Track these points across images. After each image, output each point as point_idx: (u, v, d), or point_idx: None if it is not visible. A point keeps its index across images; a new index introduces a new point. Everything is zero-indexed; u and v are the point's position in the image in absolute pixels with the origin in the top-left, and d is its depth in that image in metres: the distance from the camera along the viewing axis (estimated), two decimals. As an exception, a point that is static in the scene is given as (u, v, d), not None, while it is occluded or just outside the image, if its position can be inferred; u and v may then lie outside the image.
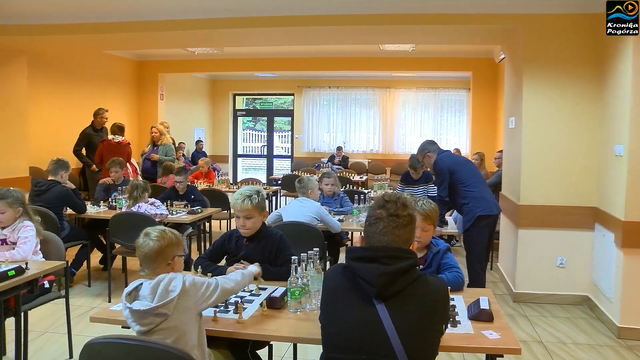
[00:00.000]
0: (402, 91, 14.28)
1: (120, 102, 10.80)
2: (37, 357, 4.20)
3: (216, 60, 10.98)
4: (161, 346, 2.13)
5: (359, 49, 9.79)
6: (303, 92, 14.76)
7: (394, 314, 1.94)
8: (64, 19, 6.24)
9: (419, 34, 6.65)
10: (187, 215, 6.04)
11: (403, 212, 2.06)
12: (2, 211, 3.95)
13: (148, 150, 9.12)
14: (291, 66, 11.21)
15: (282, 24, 5.89)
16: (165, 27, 6.15)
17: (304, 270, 2.83)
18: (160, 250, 2.47)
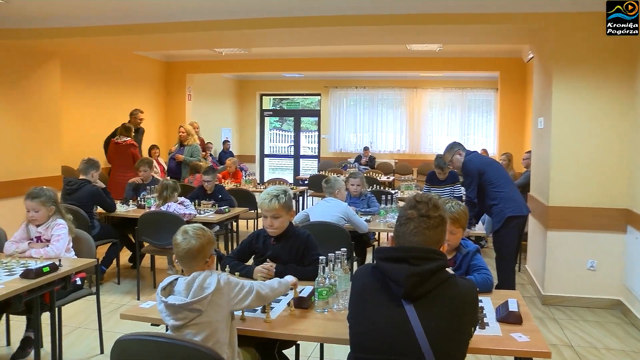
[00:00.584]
0: (429, 91, 14.19)
1: (149, 102, 10.93)
2: (70, 351, 4.30)
3: (243, 61, 11.04)
4: (190, 344, 2.16)
5: (386, 49, 9.76)
6: (330, 92, 14.76)
7: (423, 315, 1.93)
8: (94, 21, 6.34)
9: (446, 33, 6.61)
10: (215, 214, 6.09)
11: (434, 213, 2.05)
12: (36, 209, 4.04)
13: (175, 149, 9.19)
14: (318, 66, 11.22)
15: (309, 24, 5.90)
16: (193, 28, 6.20)
17: (331, 270, 2.84)
18: (201, 247, 2.51)
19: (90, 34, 6.45)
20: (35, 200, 4.03)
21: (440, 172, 7.22)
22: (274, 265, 3.32)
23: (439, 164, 7.07)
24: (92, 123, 8.98)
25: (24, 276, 3.32)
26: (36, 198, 4.03)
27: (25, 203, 4.07)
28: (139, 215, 5.77)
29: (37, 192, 4.06)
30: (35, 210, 4.04)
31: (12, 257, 3.76)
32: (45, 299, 3.59)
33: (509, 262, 5.04)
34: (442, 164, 6.92)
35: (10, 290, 3.14)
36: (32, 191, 4.07)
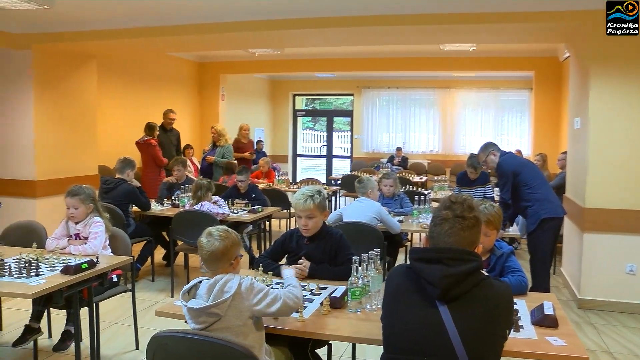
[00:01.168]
0: (462, 91, 14.05)
1: (182, 102, 11.06)
2: (107, 346, 4.39)
3: (276, 61, 11.08)
4: (224, 342, 2.18)
5: (419, 48, 9.69)
6: (362, 92, 14.73)
7: (457, 317, 1.92)
8: (130, 23, 6.44)
9: (480, 33, 6.54)
10: (248, 214, 6.13)
11: (469, 214, 2.04)
12: (76, 207, 4.13)
13: (208, 149, 9.26)
14: (351, 66, 11.19)
15: (342, 24, 5.89)
16: (226, 29, 6.25)
17: (364, 271, 2.84)
18: (225, 250, 2.52)
19: (126, 35, 6.55)
20: (75, 198, 4.12)
21: (473, 171, 7.13)
22: (307, 264, 3.33)
23: (473, 163, 6.99)
24: (127, 123, 9.12)
25: (64, 272, 3.42)
26: (76, 195, 4.12)
27: (65, 200, 4.17)
28: (173, 214, 5.85)
29: (77, 190, 4.15)
30: (74, 207, 4.13)
31: (53, 253, 3.87)
32: (84, 295, 3.68)
33: (544, 264, 4.97)
34: (475, 163, 6.84)
35: (52, 285, 3.25)
36: (72, 189, 4.16)
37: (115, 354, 4.31)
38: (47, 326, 4.48)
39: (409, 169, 12.78)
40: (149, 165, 8.13)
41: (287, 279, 2.90)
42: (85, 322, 3.80)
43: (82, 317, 3.72)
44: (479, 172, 7.13)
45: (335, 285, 3.11)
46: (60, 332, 4.18)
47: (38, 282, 3.29)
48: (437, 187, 8.64)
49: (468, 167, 7.15)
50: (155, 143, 8.26)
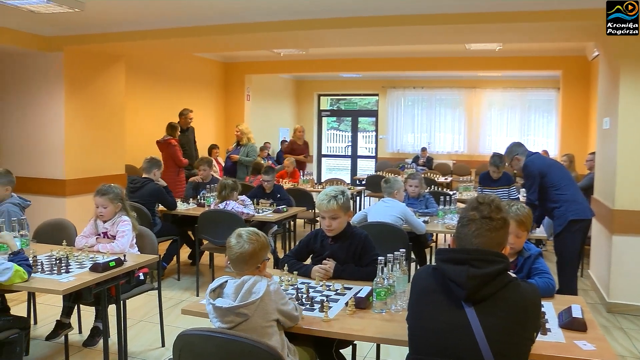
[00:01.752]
0: (488, 91, 13.92)
1: (208, 102, 11.16)
2: (134, 343, 4.46)
3: (301, 61, 11.10)
4: (251, 341, 2.19)
5: (444, 48, 9.63)
6: (387, 92, 14.68)
7: (484, 319, 1.90)
8: (157, 25, 6.52)
9: (506, 32, 6.47)
10: (273, 213, 6.15)
11: (497, 215, 2.02)
12: (105, 205, 4.19)
13: (232, 149, 9.28)
14: (376, 67, 11.17)
15: (367, 24, 5.89)
16: (252, 29, 6.29)
17: (390, 271, 2.83)
18: (253, 253, 2.54)
19: (153, 37, 6.64)
20: (104, 197, 4.18)
21: (495, 170, 6.99)
22: (332, 264, 3.33)
23: (495, 162, 6.88)
24: (154, 123, 9.21)
25: (93, 269, 3.48)
26: (105, 195, 4.18)
27: (94, 199, 4.23)
28: (199, 213, 5.90)
29: (106, 189, 4.21)
30: (103, 206, 4.19)
31: (82, 251, 3.94)
32: (112, 292, 3.75)
33: (571, 266, 4.90)
34: (497, 162, 6.77)
35: (81, 282, 3.33)
36: (101, 188, 4.22)
37: (141, 351, 4.36)
38: (77, 322, 4.56)
39: (434, 169, 12.72)
40: (168, 165, 8.20)
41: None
42: (113, 319, 3.85)
43: (110, 314, 3.78)
44: (501, 171, 7.02)
45: (360, 286, 3.11)
46: (89, 328, 4.25)
47: (68, 279, 3.36)
48: (463, 187, 8.56)
49: (490, 166, 7.05)
50: (175, 143, 8.31)
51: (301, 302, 2.81)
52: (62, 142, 7.05)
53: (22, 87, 7.23)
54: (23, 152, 7.29)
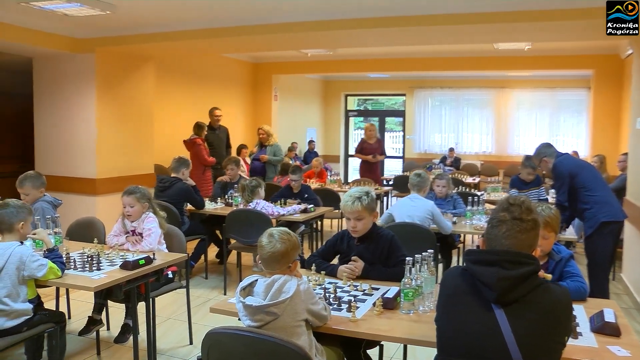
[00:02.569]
0: (516, 91, 13.76)
1: (236, 102, 11.23)
2: (162, 340, 4.51)
3: (329, 62, 11.11)
4: (280, 340, 2.19)
5: (472, 48, 9.54)
6: (415, 92, 14.61)
7: (513, 321, 1.88)
8: (185, 26, 6.60)
9: (536, 31, 6.37)
10: (300, 213, 6.17)
11: (527, 217, 2.00)
12: (132, 205, 4.25)
13: (256, 151, 9.23)
14: (403, 67, 11.12)
15: (395, 24, 5.87)
16: (280, 30, 6.32)
17: (417, 272, 2.82)
18: (285, 252, 2.56)
19: (182, 37, 6.72)
20: (131, 196, 4.24)
21: (531, 172, 6.89)
22: (361, 263, 3.33)
23: (530, 164, 6.75)
24: (183, 123, 9.28)
25: (123, 267, 3.54)
26: (132, 194, 4.25)
27: (122, 199, 4.29)
28: (227, 212, 5.95)
29: (134, 189, 4.28)
30: (130, 205, 4.25)
31: (112, 249, 4.01)
32: (141, 290, 3.81)
33: (603, 269, 4.81)
34: (533, 164, 6.61)
35: (112, 280, 3.39)
36: (129, 188, 4.29)
37: (170, 348, 4.42)
38: (106, 319, 4.64)
39: (462, 169, 12.61)
40: (195, 164, 8.27)
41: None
42: (142, 316, 3.91)
43: (139, 312, 3.84)
44: (535, 173, 6.93)
45: (387, 286, 3.10)
46: (118, 324, 4.31)
47: (99, 276, 3.43)
48: (491, 188, 8.48)
49: (525, 168, 6.92)
50: (200, 142, 8.35)
51: (329, 302, 2.82)
52: (93, 141, 7.18)
53: (56, 88, 7.39)
54: (56, 151, 7.45)
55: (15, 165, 8.26)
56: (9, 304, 3.20)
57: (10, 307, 3.21)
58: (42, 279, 3.29)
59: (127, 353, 4.22)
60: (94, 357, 4.27)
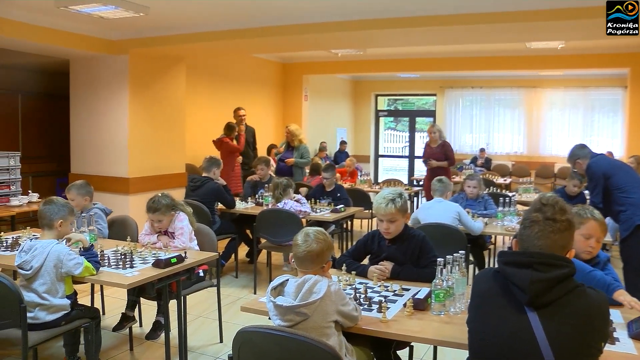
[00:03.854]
0: (549, 91, 13.54)
1: (266, 103, 11.28)
2: (193, 338, 4.57)
3: (359, 62, 11.08)
4: (310, 340, 2.20)
5: (504, 47, 9.42)
6: (445, 92, 14.49)
7: (547, 325, 1.84)
8: (216, 27, 6.65)
9: (570, 29, 6.26)
10: (331, 213, 6.17)
11: (561, 217, 1.95)
12: (159, 219, 4.27)
13: (283, 150, 9.07)
14: (433, 66, 11.03)
15: (426, 24, 5.83)
16: (310, 30, 6.32)
17: (449, 273, 2.80)
18: (320, 252, 2.57)
19: (214, 38, 6.77)
20: (156, 214, 4.25)
21: (577, 184, 6.34)
22: (390, 265, 3.32)
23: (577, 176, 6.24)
24: (214, 123, 9.34)
25: (155, 265, 3.60)
26: (157, 211, 4.24)
27: (148, 216, 4.33)
28: (257, 212, 5.98)
29: (156, 205, 4.25)
30: (159, 220, 4.28)
31: (145, 247, 4.07)
32: (173, 288, 3.85)
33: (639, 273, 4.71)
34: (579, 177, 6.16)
35: (144, 277, 3.45)
36: (150, 205, 4.27)
37: (200, 346, 4.47)
38: (139, 315, 4.71)
39: (493, 170, 12.48)
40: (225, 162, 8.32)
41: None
42: (173, 314, 3.96)
43: (171, 309, 3.88)
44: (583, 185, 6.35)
45: (418, 287, 3.09)
46: (150, 321, 4.38)
47: (132, 273, 3.49)
48: (522, 189, 8.38)
49: (572, 180, 6.38)
50: (228, 141, 8.42)
51: (359, 302, 2.82)
52: (125, 141, 7.30)
53: (91, 89, 7.52)
54: (91, 151, 7.59)
55: (52, 165, 8.48)
56: (48, 299, 3.31)
57: (50, 302, 3.32)
58: (78, 276, 3.37)
59: (159, 350, 4.28)
60: (127, 352, 4.35)
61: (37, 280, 3.31)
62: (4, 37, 6.20)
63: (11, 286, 3.11)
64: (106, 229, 4.66)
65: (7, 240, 4.28)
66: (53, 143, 8.55)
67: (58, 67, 7.92)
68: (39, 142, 8.40)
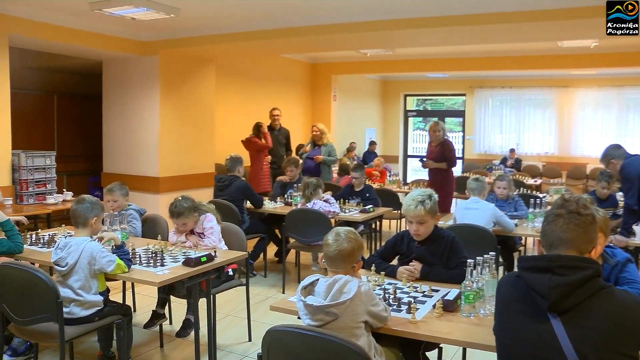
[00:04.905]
0: (581, 90, 13.30)
1: (295, 103, 11.31)
2: (222, 336, 4.61)
3: (387, 62, 11.04)
4: (340, 340, 2.19)
5: (535, 46, 9.28)
6: (475, 92, 14.36)
7: (571, 331, 1.77)
8: (246, 27, 6.69)
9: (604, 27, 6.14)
10: (360, 213, 6.16)
11: (585, 211, 1.90)
12: (184, 223, 4.31)
13: (309, 149, 8.98)
14: (463, 66, 10.94)
15: (456, 23, 5.78)
16: (339, 30, 6.33)
17: (479, 274, 2.78)
18: (351, 251, 2.58)
19: (243, 39, 6.82)
20: (180, 218, 4.29)
21: (606, 185, 6.16)
22: (419, 266, 3.31)
23: (604, 178, 6.11)
24: (242, 123, 9.36)
25: (185, 264, 3.64)
26: (180, 216, 4.28)
27: (173, 221, 4.38)
28: (286, 212, 6.01)
29: (178, 210, 4.27)
30: (183, 223, 4.32)
31: (175, 246, 4.12)
32: (202, 286, 3.89)
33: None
34: (607, 179, 6.06)
35: (175, 276, 3.50)
36: (173, 210, 4.30)
37: (229, 344, 4.51)
38: (169, 313, 4.77)
39: (523, 171, 12.32)
40: (253, 160, 8.37)
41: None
42: (202, 312, 4.00)
43: (200, 307, 3.93)
44: (611, 186, 6.25)
45: (447, 288, 3.07)
46: (180, 319, 4.43)
47: (163, 272, 3.54)
48: (553, 190, 8.24)
49: (599, 182, 6.21)
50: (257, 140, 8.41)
51: (388, 303, 2.81)
52: (156, 141, 7.40)
53: (123, 89, 7.66)
54: (122, 150, 7.72)
55: (85, 165, 8.64)
56: (83, 295, 3.39)
57: (84, 298, 3.39)
58: (110, 273, 3.43)
59: (189, 347, 4.33)
60: (158, 349, 4.42)
61: (72, 276, 3.39)
62: (41, 41, 6.36)
63: (49, 282, 3.19)
64: (140, 228, 4.74)
65: (43, 237, 4.38)
66: (86, 143, 8.71)
67: (91, 68, 8.07)
68: (72, 142, 8.56)
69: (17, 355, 4.03)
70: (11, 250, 3.89)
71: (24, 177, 6.21)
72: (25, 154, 6.27)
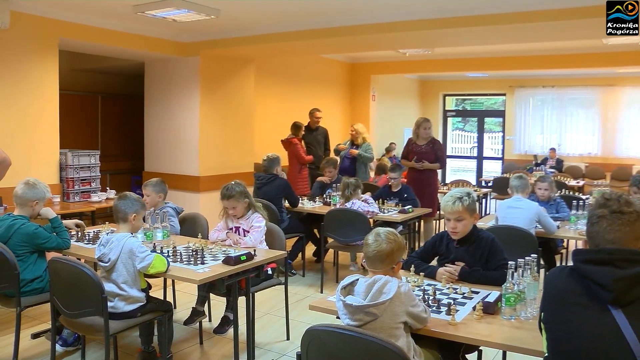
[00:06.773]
0: (627, 89, 12.95)
1: (334, 103, 11.32)
2: (260, 334, 4.64)
3: (426, 61, 10.97)
4: (379, 341, 2.19)
5: (578, 44, 9.08)
6: (515, 92, 14.15)
7: (635, 323, 1.77)
8: (285, 28, 6.75)
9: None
10: (398, 214, 6.14)
11: (628, 209, 1.89)
12: (234, 206, 4.38)
13: (346, 148, 8.91)
14: (503, 65, 10.79)
15: (496, 22, 5.71)
16: (378, 30, 6.32)
17: (520, 277, 2.74)
18: (391, 252, 2.58)
19: (282, 39, 6.88)
20: (230, 200, 4.36)
21: (637, 190, 5.84)
22: (459, 266, 3.29)
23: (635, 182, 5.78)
24: (281, 123, 9.41)
25: (225, 262, 3.68)
26: (231, 197, 4.36)
27: (222, 203, 4.45)
28: (325, 211, 6.03)
29: (229, 192, 4.36)
30: (232, 207, 4.39)
31: (215, 244, 4.17)
32: (241, 285, 3.94)
33: None
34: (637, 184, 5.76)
35: (215, 274, 3.54)
36: (225, 192, 4.39)
37: (267, 342, 4.55)
38: (209, 311, 4.84)
39: (564, 172, 12.07)
40: (292, 163, 8.40)
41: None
42: (241, 310, 4.05)
43: (239, 306, 3.97)
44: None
45: (488, 290, 3.04)
46: (219, 316, 4.50)
47: (203, 269, 3.59)
48: (597, 192, 8.03)
49: (631, 187, 5.91)
50: (297, 141, 8.40)
51: (427, 304, 2.80)
52: (196, 140, 7.51)
53: (164, 90, 7.80)
54: (163, 150, 7.86)
55: (128, 163, 8.83)
56: (126, 290, 3.47)
57: (127, 292, 3.47)
58: (149, 271, 3.49)
59: (228, 344, 4.39)
60: (197, 346, 4.49)
61: (115, 272, 3.47)
62: (86, 43, 6.53)
63: (94, 277, 3.28)
64: (178, 226, 4.82)
65: (88, 234, 4.49)
66: (128, 142, 8.90)
67: (134, 69, 8.25)
68: (116, 141, 8.77)
69: (67, 345, 4.18)
70: (59, 246, 4.04)
71: (71, 175, 6.39)
72: (72, 153, 6.45)
